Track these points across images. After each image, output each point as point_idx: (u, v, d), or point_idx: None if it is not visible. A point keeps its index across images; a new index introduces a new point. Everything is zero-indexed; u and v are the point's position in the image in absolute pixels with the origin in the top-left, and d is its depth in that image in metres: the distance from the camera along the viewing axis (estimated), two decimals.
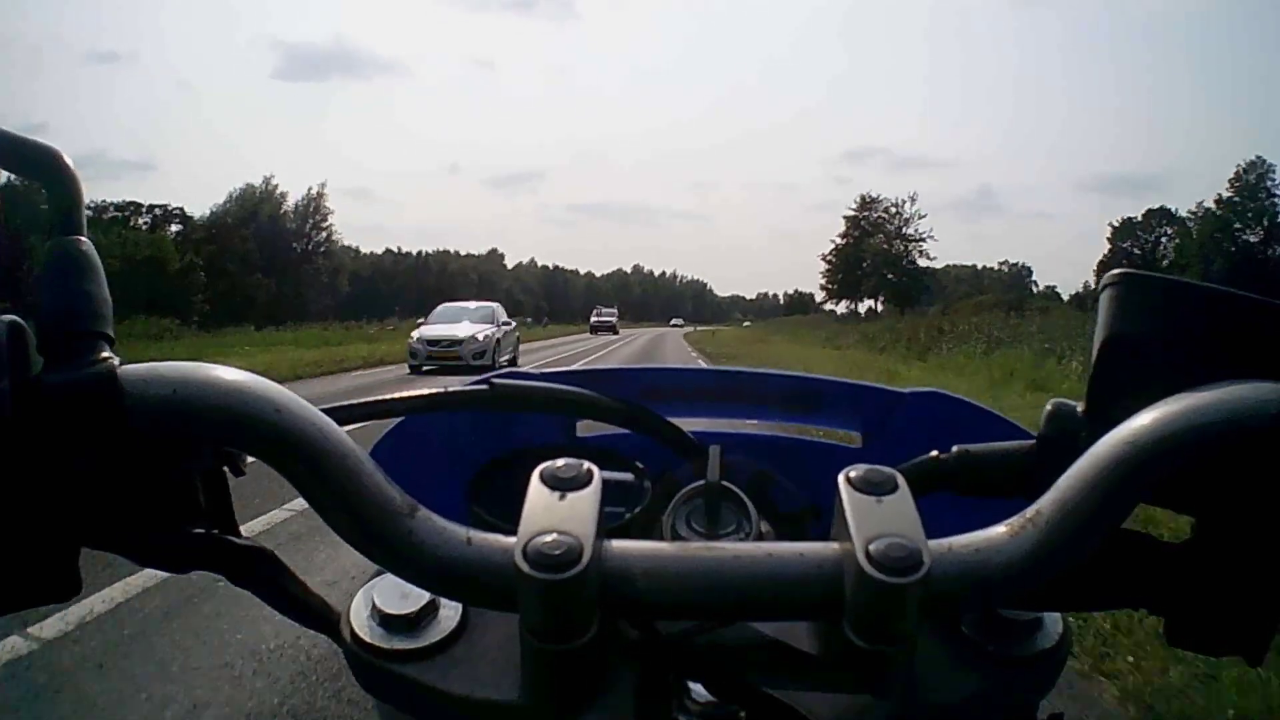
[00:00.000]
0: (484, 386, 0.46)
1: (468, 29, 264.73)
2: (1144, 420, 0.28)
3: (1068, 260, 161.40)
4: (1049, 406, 0.35)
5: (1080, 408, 0.34)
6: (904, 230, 66.87)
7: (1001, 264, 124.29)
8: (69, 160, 0.34)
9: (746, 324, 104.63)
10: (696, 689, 0.35)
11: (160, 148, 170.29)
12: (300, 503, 2.70)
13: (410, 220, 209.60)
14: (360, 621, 0.38)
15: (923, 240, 65.84)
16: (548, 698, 0.32)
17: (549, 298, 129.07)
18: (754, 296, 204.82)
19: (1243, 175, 61.06)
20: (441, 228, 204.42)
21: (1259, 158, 61.18)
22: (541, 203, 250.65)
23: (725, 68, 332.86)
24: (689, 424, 0.49)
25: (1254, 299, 0.31)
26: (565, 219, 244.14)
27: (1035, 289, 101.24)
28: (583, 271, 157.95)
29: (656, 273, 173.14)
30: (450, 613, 0.38)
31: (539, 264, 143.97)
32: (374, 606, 0.38)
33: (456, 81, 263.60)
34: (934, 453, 0.38)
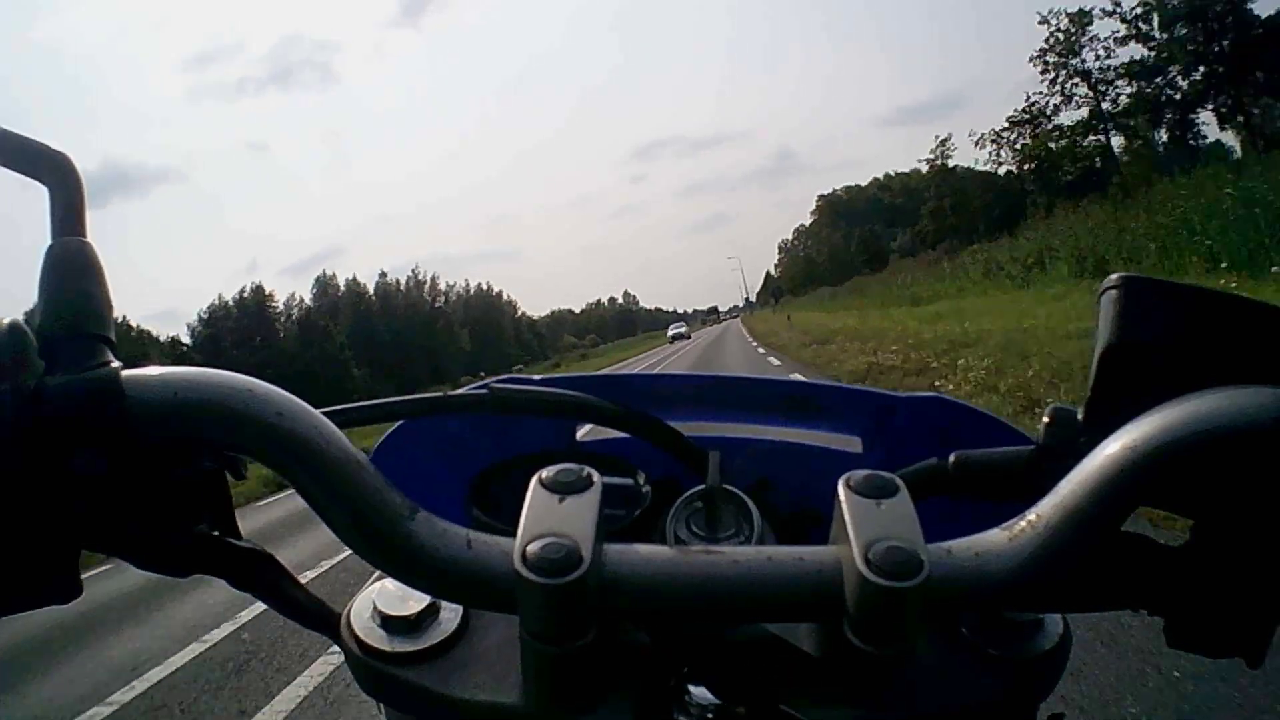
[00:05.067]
0: (483, 391, 0.45)
1: (232, 117, 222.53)
2: (1143, 425, 0.28)
3: None
4: (1048, 414, 0.35)
5: (1079, 413, 0.34)
6: None
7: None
8: (75, 163, 0.34)
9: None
10: (696, 692, 0.35)
11: None
12: None
13: None
14: (361, 623, 0.38)
15: None
16: (548, 700, 0.32)
17: None
18: (581, 309, 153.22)
19: None
20: None
21: None
22: (346, 281, 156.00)
23: (494, 94, 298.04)
24: (689, 429, 0.49)
25: (1255, 303, 0.31)
26: None
27: None
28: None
29: (363, 288, 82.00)
30: (451, 615, 0.38)
31: None
32: (375, 608, 0.38)
33: (235, 173, 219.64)
34: (933, 459, 0.38)
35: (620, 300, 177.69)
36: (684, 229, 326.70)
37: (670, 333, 69.66)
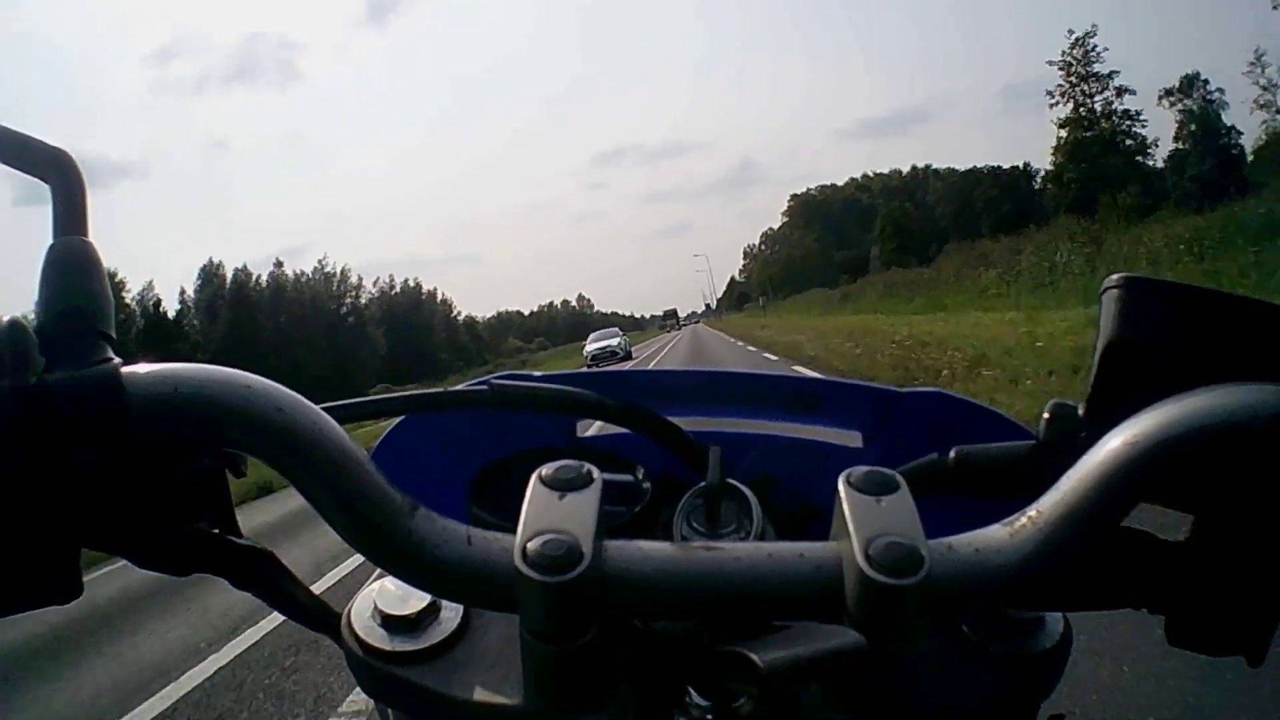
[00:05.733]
0: (483, 387, 0.45)
1: (195, 112, 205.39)
2: (1145, 421, 0.28)
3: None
4: (1048, 410, 0.35)
5: (1080, 409, 0.34)
6: None
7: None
8: (76, 162, 0.34)
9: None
10: (696, 692, 0.35)
11: None
12: None
13: None
14: (362, 623, 0.37)
15: None
16: (548, 699, 0.32)
17: None
18: (530, 312, 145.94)
19: None
20: None
21: None
22: (235, 270, 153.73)
23: (458, 100, 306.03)
24: (689, 424, 0.49)
25: (1254, 301, 0.31)
26: None
27: None
28: None
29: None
30: (451, 614, 0.37)
31: None
32: (375, 607, 0.37)
33: (196, 170, 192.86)
34: (934, 454, 0.38)
35: (574, 303, 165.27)
36: (645, 236, 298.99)
37: (589, 348, 31.78)
